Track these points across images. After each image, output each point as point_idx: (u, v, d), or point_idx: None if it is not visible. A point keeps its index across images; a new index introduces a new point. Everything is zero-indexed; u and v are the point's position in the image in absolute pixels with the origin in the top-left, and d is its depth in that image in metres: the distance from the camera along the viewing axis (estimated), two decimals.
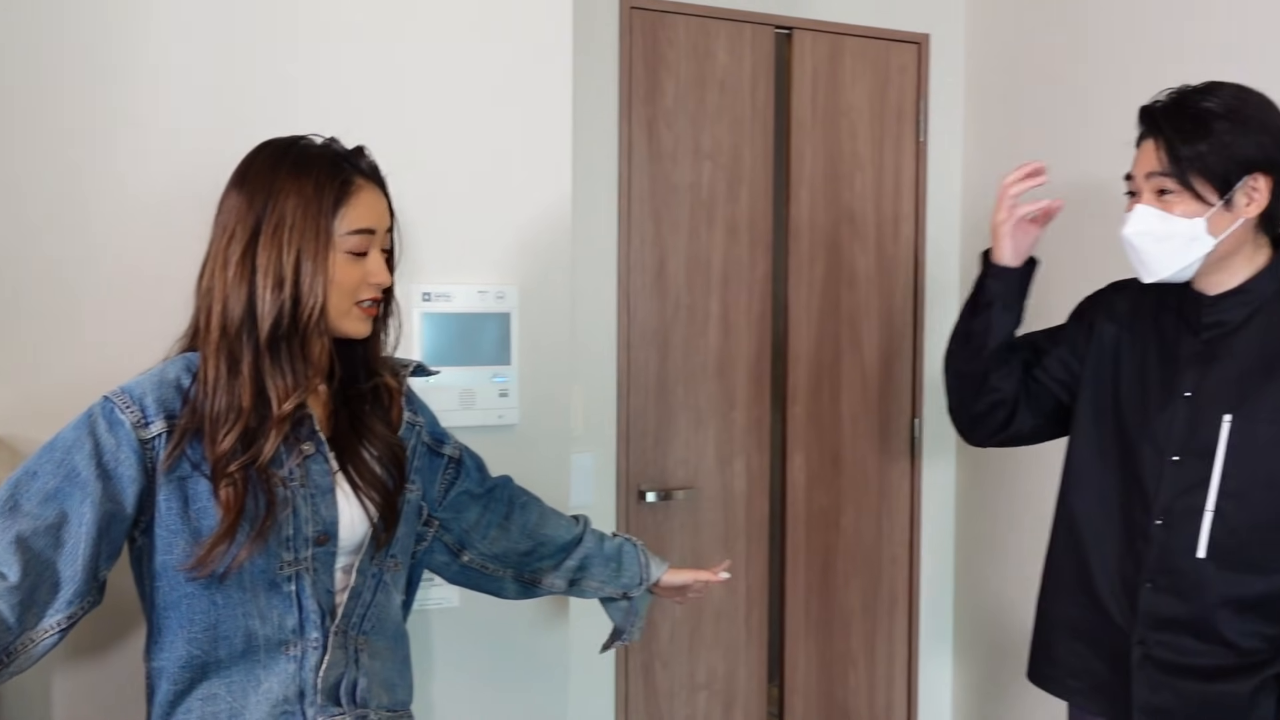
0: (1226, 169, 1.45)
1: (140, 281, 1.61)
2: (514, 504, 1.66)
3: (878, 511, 2.90)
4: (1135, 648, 1.56)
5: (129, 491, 1.23)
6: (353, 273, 1.32)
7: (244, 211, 1.28)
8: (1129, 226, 1.52)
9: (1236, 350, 1.52)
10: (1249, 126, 1.45)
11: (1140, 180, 1.52)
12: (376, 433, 1.40)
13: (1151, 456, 1.56)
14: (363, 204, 1.32)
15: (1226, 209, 1.46)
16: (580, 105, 2.37)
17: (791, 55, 2.74)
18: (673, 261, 2.62)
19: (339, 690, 1.34)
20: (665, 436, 2.64)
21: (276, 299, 1.26)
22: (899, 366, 2.90)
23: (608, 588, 1.69)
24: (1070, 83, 2.54)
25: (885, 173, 2.85)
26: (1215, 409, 1.50)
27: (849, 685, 2.89)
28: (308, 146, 1.33)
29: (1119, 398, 1.64)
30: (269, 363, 1.27)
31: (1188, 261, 1.49)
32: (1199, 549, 1.49)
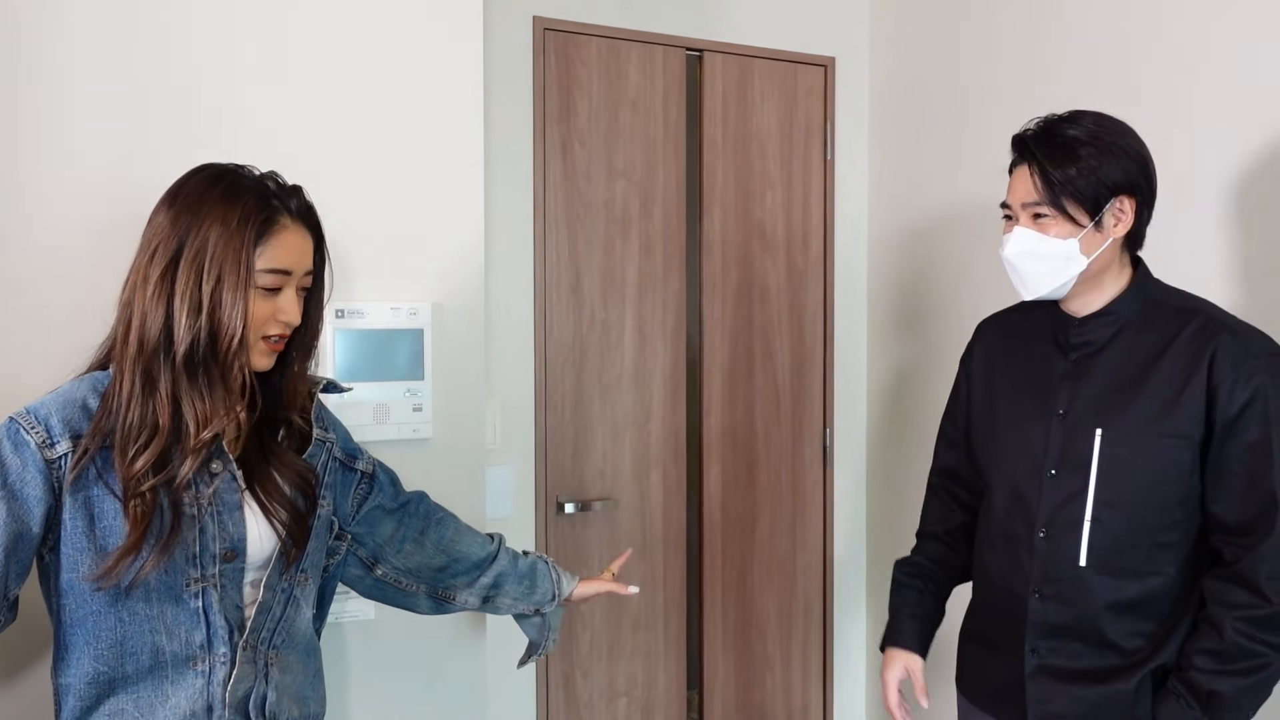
0: (1096, 192, 1.53)
1: (50, 301, 1.61)
2: (429, 519, 1.68)
3: (792, 519, 2.98)
4: (1028, 656, 1.63)
5: (35, 511, 1.24)
6: (264, 308, 1.32)
7: (169, 232, 1.28)
8: (1008, 248, 1.60)
9: (1103, 368, 1.60)
10: (1113, 152, 1.54)
11: (1016, 207, 1.60)
12: (286, 462, 1.41)
13: (1030, 471, 1.64)
14: (284, 244, 1.32)
15: (1097, 230, 1.55)
16: (494, 124, 2.42)
17: (702, 76, 2.82)
18: (588, 277, 2.67)
19: (248, 704, 1.36)
20: (583, 448, 2.68)
21: (193, 324, 1.26)
22: (810, 378, 2.99)
23: (521, 605, 1.72)
24: (968, 104, 2.65)
25: (794, 190, 2.94)
26: (1086, 424, 1.58)
27: (766, 689, 2.96)
28: (242, 178, 1.33)
29: (996, 418, 1.73)
30: (186, 384, 1.27)
31: (1064, 280, 1.57)
32: (1080, 558, 1.57)
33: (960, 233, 2.68)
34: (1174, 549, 1.55)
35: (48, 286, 1.60)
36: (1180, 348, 1.54)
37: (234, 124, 1.73)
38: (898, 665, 1.83)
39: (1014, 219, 1.61)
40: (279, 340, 1.36)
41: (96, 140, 1.64)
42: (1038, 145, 1.56)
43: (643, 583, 2.76)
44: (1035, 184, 1.56)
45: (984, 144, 2.58)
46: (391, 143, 1.85)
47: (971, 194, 2.63)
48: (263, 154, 1.41)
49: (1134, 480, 1.55)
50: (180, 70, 1.70)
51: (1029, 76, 2.44)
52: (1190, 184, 2.00)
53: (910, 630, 1.84)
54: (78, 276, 1.60)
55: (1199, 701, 1.51)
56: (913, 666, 1.83)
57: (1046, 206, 1.55)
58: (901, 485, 2.90)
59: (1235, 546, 1.52)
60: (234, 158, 1.38)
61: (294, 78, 1.78)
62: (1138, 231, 1.59)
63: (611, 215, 2.69)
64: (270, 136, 1.74)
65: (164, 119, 1.68)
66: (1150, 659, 1.56)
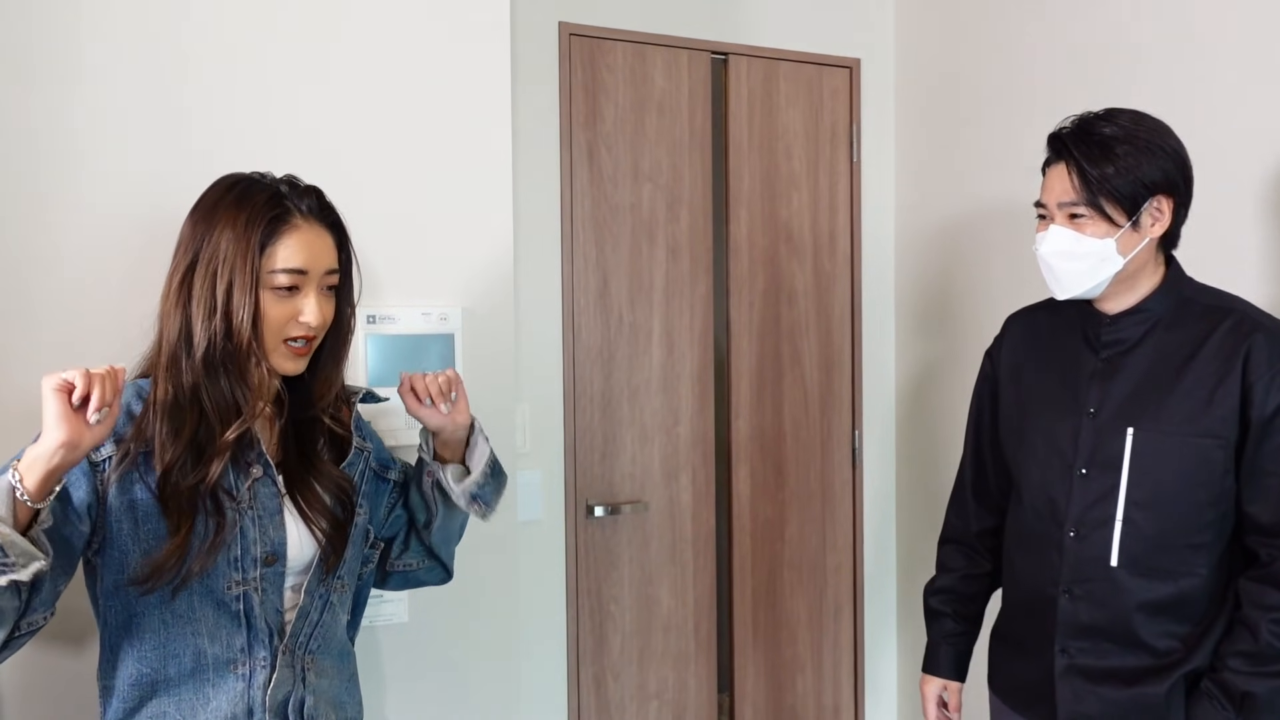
0: (1134, 191, 1.52)
1: (103, 292, 1.63)
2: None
3: (821, 521, 2.97)
4: (1059, 656, 1.62)
5: (81, 512, 1.26)
6: (280, 311, 1.33)
7: (188, 241, 1.32)
8: (1044, 246, 1.58)
9: (1135, 367, 1.59)
10: (1151, 151, 1.52)
11: (1052, 207, 1.58)
12: (324, 472, 1.42)
13: (1060, 471, 1.63)
14: (296, 243, 1.33)
15: (1134, 229, 1.53)
16: (521, 129, 2.43)
17: (727, 80, 2.82)
18: (615, 281, 2.68)
19: (287, 708, 1.37)
20: (612, 452, 2.69)
21: (208, 327, 1.29)
22: (839, 379, 2.98)
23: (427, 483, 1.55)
24: (995, 104, 2.64)
25: (821, 192, 2.94)
26: (1118, 423, 1.57)
27: (797, 691, 2.96)
28: (256, 183, 1.35)
29: (1026, 417, 1.72)
30: (207, 384, 1.29)
31: (1099, 279, 1.56)
32: (1111, 558, 1.56)
33: (988, 233, 2.67)
34: (1207, 550, 1.54)
35: (85, 298, 1.63)
36: (1213, 347, 1.53)
37: (265, 133, 1.75)
38: (937, 684, 1.89)
39: (1049, 218, 1.59)
40: (304, 344, 1.36)
41: (130, 151, 1.66)
42: (1075, 143, 1.54)
43: (673, 586, 2.76)
44: (1073, 183, 1.54)
45: (1011, 144, 2.57)
46: (421, 149, 1.87)
47: (998, 194, 2.62)
48: (292, 161, 1.43)
49: (1166, 480, 1.53)
50: (216, 79, 1.72)
51: (1055, 76, 2.43)
52: (1224, 181, 1.98)
53: (947, 659, 1.88)
54: (115, 286, 1.63)
55: (1233, 703, 1.49)
56: (951, 689, 1.88)
57: (1084, 206, 1.54)
58: (932, 485, 2.89)
59: (1270, 547, 1.51)
60: (265, 166, 1.40)
61: (321, 87, 1.80)
62: (1174, 231, 1.58)
63: (638, 219, 2.70)
64: (299, 144, 1.76)
65: (202, 132, 1.70)
66: (1184, 662, 1.54)
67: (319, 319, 1.35)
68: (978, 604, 1.88)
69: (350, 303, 1.44)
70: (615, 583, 2.69)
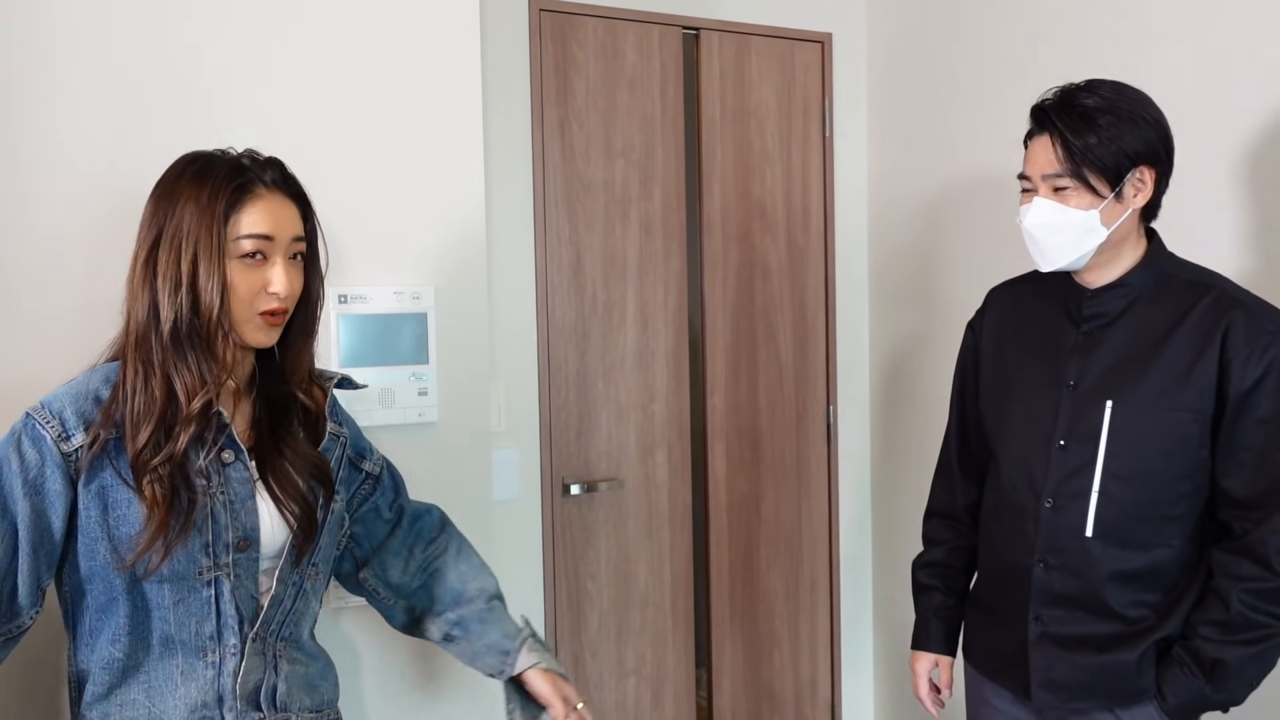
0: (1117, 161, 1.52)
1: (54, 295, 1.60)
2: (421, 537, 1.62)
3: (797, 497, 2.99)
4: (1032, 624, 1.64)
5: (58, 505, 1.26)
6: (250, 280, 1.31)
7: (150, 220, 1.30)
8: (1029, 219, 1.58)
9: (1115, 341, 1.60)
10: (1133, 120, 1.52)
11: (1036, 179, 1.58)
12: (299, 452, 1.41)
13: (1039, 443, 1.64)
14: (260, 210, 1.31)
15: (1117, 200, 1.54)
16: (492, 106, 2.41)
17: (699, 55, 2.81)
18: (589, 258, 2.67)
19: (259, 696, 1.37)
20: (587, 430, 2.69)
21: (174, 301, 1.27)
22: (813, 355, 2.99)
23: (478, 661, 1.57)
24: (967, 78, 2.64)
25: (794, 168, 2.94)
26: (1097, 396, 1.58)
27: (775, 666, 2.98)
28: (215, 158, 1.34)
29: (1007, 389, 1.73)
30: (175, 360, 1.28)
31: (1083, 251, 1.56)
32: (1087, 528, 1.58)
33: (962, 206, 2.68)
34: (1181, 522, 1.56)
35: (50, 282, 1.60)
36: (1193, 322, 1.54)
37: (228, 110, 1.72)
38: (928, 660, 1.88)
39: (1033, 190, 1.59)
40: (278, 315, 1.35)
41: (98, 134, 1.63)
42: (1058, 115, 1.54)
43: (650, 563, 2.77)
44: (1056, 154, 1.54)
45: (984, 117, 2.57)
46: (390, 127, 1.85)
47: (972, 167, 2.63)
48: (259, 140, 1.41)
49: (1143, 453, 1.55)
50: (178, 57, 1.69)
51: (1028, 47, 2.44)
52: (1202, 154, 1.99)
53: (938, 634, 1.88)
54: (79, 271, 1.60)
55: (1203, 670, 1.52)
56: (943, 663, 1.88)
57: (1068, 178, 1.54)
58: (905, 460, 2.91)
59: (1244, 520, 1.53)
60: (229, 144, 1.38)
61: (289, 63, 1.77)
62: (1155, 201, 1.59)
63: (611, 196, 2.69)
64: (266, 123, 1.74)
65: (164, 112, 1.68)
66: (1155, 629, 1.57)
67: (288, 288, 1.33)
68: (966, 577, 1.89)
69: (318, 275, 1.43)
70: (592, 560, 2.70)
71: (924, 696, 1.88)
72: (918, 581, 1.92)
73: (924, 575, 1.91)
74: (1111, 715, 1.59)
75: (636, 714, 2.77)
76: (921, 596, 1.91)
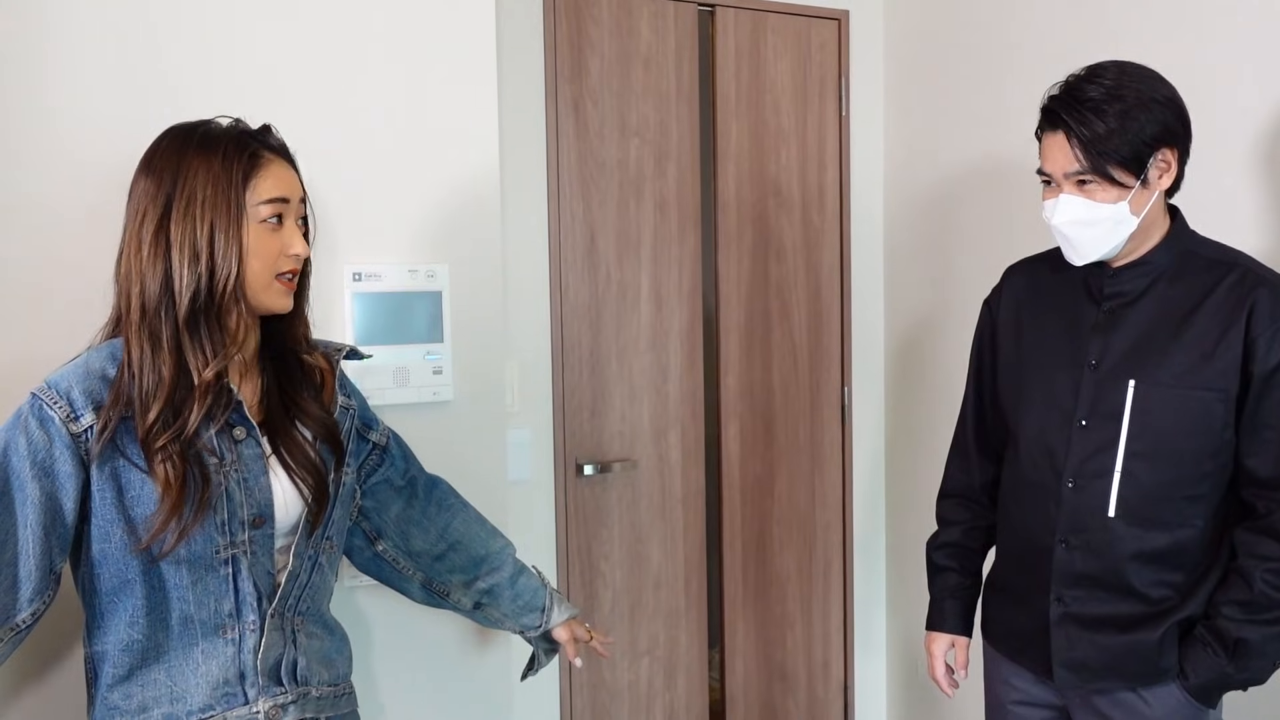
0: (1136, 151, 1.49)
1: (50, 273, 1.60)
2: (440, 505, 1.66)
3: (810, 478, 2.98)
4: (1053, 605, 1.63)
5: (69, 486, 1.25)
6: (270, 244, 1.32)
7: (154, 192, 1.28)
8: (1058, 217, 1.55)
9: (1137, 319, 1.58)
10: (1143, 105, 1.49)
11: (1058, 176, 1.55)
12: (310, 413, 1.41)
13: (1060, 422, 1.62)
14: (272, 175, 1.33)
15: (1144, 187, 1.52)
16: (506, 85, 2.39)
17: (715, 32, 2.78)
18: (603, 237, 2.66)
19: (280, 670, 1.37)
20: (601, 410, 2.68)
21: (194, 272, 1.27)
22: (828, 335, 2.97)
23: (508, 623, 1.70)
24: (985, 55, 2.61)
25: (809, 146, 2.91)
26: (1119, 375, 1.57)
27: (787, 647, 2.98)
28: (213, 127, 1.34)
29: (1026, 368, 1.71)
30: (188, 338, 1.28)
31: (1116, 241, 1.55)
32: (1109, 508, 1.56)
33: (978, 186, 2.65)
34: (1204, 501, 1.55)
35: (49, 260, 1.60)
36: (1216, 301, 1.52)
37: (245, 89, 1.71)
38: (944, 641, 1.87)
39: (1055, 185, 1.56)
40: (292, 277, 1.37)
41: (99, 110, 1.62)
42: (1068, 112, 1.51)
43: (663, 543, 2.76)
44: (1075, 154, 1.51)
45: (1002, 97, 2.54)
46: (404, 105, 1.83)
47: (989, 146, 2.60)
48: (277, 119, 1.40)
49: (1166, 432, 1.54)
50: (181, 34, 1.68)
51: (1046, 23, 2.40)
52: (1222, 131, 1.96)
53: (954, 614, 1.87)
54: (79, 247, 1.59)
55: (1225, 649, 1.51)
56: (959, 644, 1.87)
57: (1090, 174, 1.51)
58: (920, 441, 2.89)
59: (1268, 500, 1.52)
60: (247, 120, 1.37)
61: (305, 40, 1.76)
62: (1177, 180, 1.57)
63: (625, 174, 2.67)
64: (282, 101, 1.73)
65: (167, 87, 1.66)
66: (1177, 609, 1.56)
67: (305, 248, 1.37)
68: (982, 557, 1.88)
69: (311, 238, 1.43)
70: (605, 540, 2.70)
71: (940, 678, 1.88)
72: (933, 562, 1.91)
73: (940, 556, 1.89)
74: (1134, 694, 1.59)
75: (649, 694, 2.77)
76: (937, 577, 1.90)
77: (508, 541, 1.72)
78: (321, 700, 1.43)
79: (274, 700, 1.35)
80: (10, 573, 1.23)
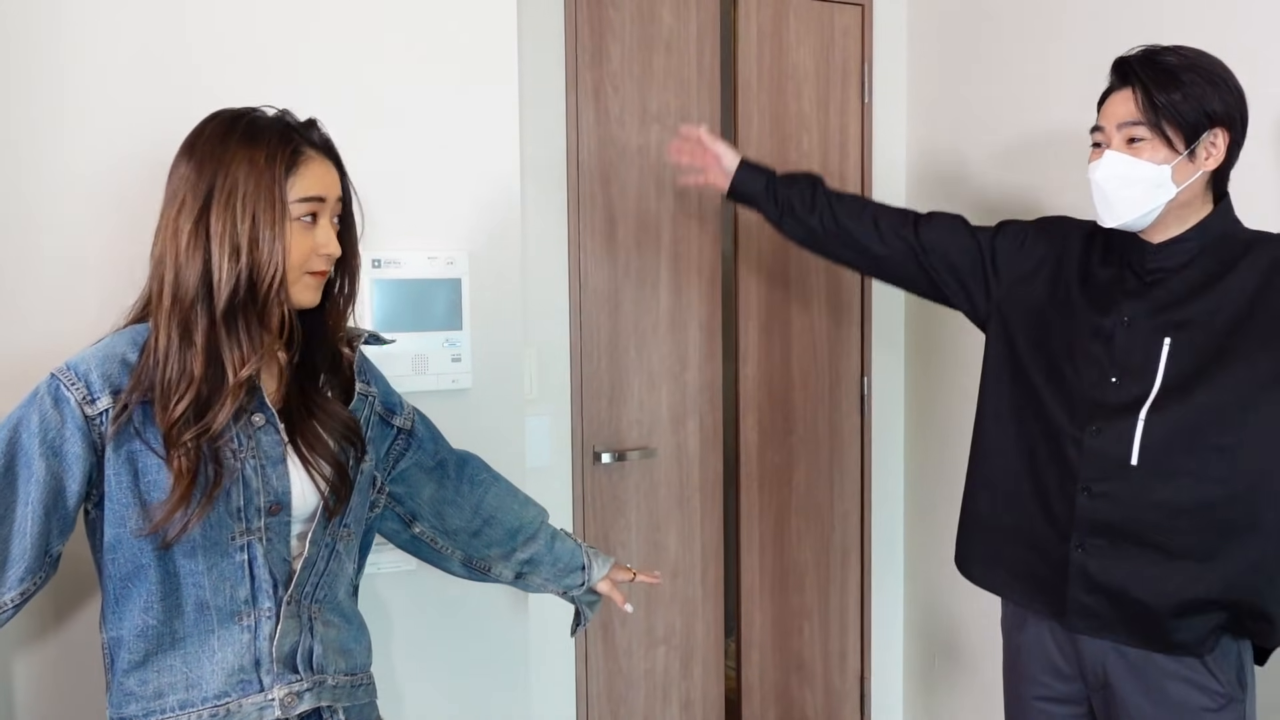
0: (1196, 119, 1.53)
1: (82, 253, 1.60)
2: (472, 481, 1.66)
3: (829, 468, 2.96)
4: (1074, 552, 1.64)
5: (75, 469, 1.24)
6: (303, 242, 1.31)
7: (195, 180, 1.27)
8: (1099, 172, 1.59)
9: (1175, 285, 1.60)
10: (1214, 82, 1.54)
11: (1111, 130, 1.59)
12: (329, 412, 1.40)
13: (1086, 374, 1.64)
14: (312, 173, 1.32)
15: (1189, 160, 1.55)
16: (526, 71, 2.37)
17: (737, 18, 2.75)
18: (622, 225, 2.64)
19: (295, 658, 1.36)
20: (619, 398, 2.67)
21: (234, 268, 1.25)
22: (848, 325, 2.95)
23: (551, 585, 1.73)
24: (1009, 45, 2.58)
25: (831, 133, 2.88)
26: (1155, 333, 1.59)
27: (804, 637, 2.97)
28: (259, 117, 1.32)
29: (1058, 319, 1.71)
30: (224, 333, 1.26)
31: (1152, 206, 1.57)
32: (1132, 457, 1.57)
33: (1001, 174, 2.62)
34: (1230, 454, 1.53)
35: (76, 240, 1.60)
36: (1249, 262, 1.55)
37: (264, 73, 1.70)
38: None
39: (1104, 145, 1.60)
40: (323, 274, 1.36)
41: (133, 96, 1.62)
42: (1142, 67, 1.56)
43: (680, 532, 2.75)
44: (1137, 104, 1.55)
45: (1026, 86, 2.51)
46: (425, 92, 1.82)
47: (1012, 135, 2.57)
48: (297, 107, 1.39)
49: (1198, 388, 1.54)
50: (213, 23, 1.67)
51: (1074, 16, 2.36)
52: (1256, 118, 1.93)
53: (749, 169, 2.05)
54: (106, 229, 1.59)
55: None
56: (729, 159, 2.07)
57: (1146, 128, 1.55)
58: (940, 433, 2.87)
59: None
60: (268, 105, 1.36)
61: (327, 28, 1.75)
62: (1225, 168, 1.59)
63: (646, 161, 2.65)
64: (302, 89, 1.72)
65: (196, 75, 1.66)
66: (1199, 577, 1.55)
67: (338, 248, 1.36)
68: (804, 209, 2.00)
69: (355, 237, 1.42)
70: (623, 529, 2.69)
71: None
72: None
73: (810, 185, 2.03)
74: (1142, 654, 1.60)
75: (665, 683, 2.77)
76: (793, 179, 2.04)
77: (541, 509, 1.74)
78: (338, 689, 1.42)
79: (289, 688, 1.35)
80: (3, 549, 1.22)
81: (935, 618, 2.96)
